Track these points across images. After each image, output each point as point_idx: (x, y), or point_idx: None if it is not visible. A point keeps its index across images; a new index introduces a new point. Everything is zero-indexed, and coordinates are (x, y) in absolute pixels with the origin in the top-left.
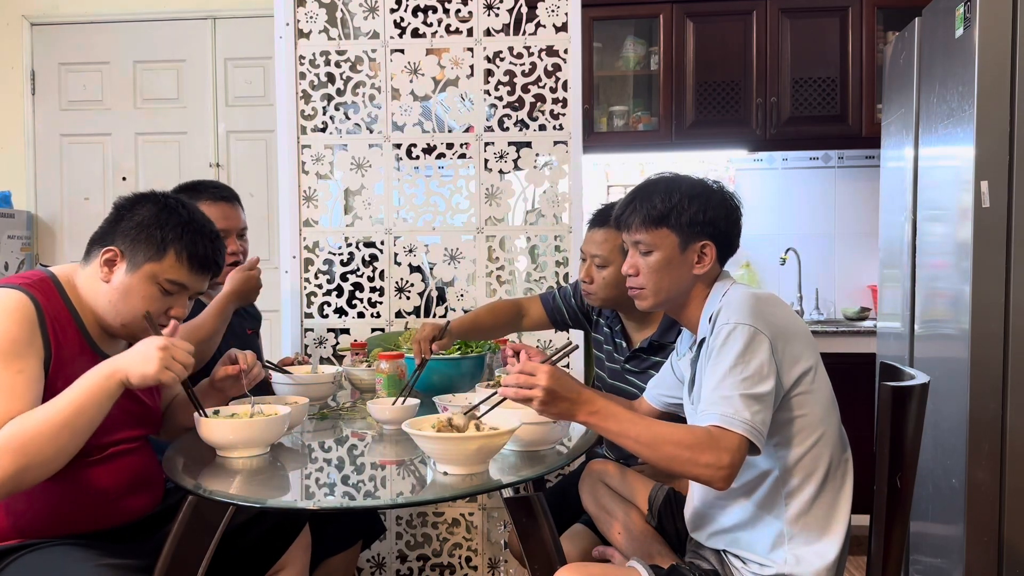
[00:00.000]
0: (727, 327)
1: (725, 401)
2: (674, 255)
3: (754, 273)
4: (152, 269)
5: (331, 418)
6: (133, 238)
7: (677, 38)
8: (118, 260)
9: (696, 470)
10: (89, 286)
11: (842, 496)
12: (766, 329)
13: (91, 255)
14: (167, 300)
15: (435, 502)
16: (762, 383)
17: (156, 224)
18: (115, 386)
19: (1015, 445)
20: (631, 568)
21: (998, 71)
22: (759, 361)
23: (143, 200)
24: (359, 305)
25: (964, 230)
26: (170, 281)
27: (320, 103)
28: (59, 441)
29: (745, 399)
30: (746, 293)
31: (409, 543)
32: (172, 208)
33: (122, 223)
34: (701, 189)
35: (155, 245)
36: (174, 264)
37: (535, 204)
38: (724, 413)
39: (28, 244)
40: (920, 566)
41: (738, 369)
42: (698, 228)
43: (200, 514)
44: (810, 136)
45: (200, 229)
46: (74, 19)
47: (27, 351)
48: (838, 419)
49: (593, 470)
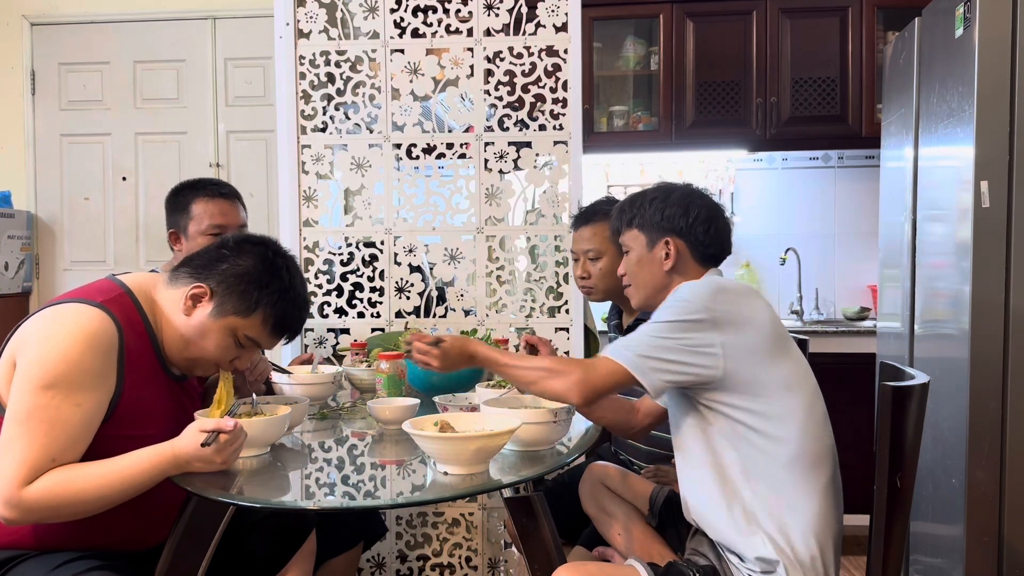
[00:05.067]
0: (676, 300)
1: (625, 345)
2: (644, 253)
3: (754, 273)
4: (235, 323)
5: (331, 418)
6: (229, 286)
7: (677, 38)
8: (205, 299)
9: (555, 381)
10: (172, 310)
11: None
12: (711, 313)
13: (180, 280)
14: (237, 351)
15: (435, 502)
16: (681, 350)
17: (256, 283)
18: (175, 472)
19: (1015, 445)
20: (629, 566)
21: (998, 71)
22: (691, 332)
23: (251, 249)
24: (359, 305)
25: (964, 230)
26: (248, 338)
27: (320, 103)
28: (93, 507)
29: (653, 348)
30: (711, 280)
31: (409, 543)
32: (275, 270)
33: (223, 264)
34: (662, 191)
35: (248, 303)
36: (258, 325)
37: (535, 204)
38: (616, 350)
39: (28, 244)
40: (920, 566)
41: (664, 327)
42: (658, 226)
43: (200, 514)
44: (810, 136)
45: (295, 299)
46: (74, 19)
47: (96, 384)
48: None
49: (593, 473)
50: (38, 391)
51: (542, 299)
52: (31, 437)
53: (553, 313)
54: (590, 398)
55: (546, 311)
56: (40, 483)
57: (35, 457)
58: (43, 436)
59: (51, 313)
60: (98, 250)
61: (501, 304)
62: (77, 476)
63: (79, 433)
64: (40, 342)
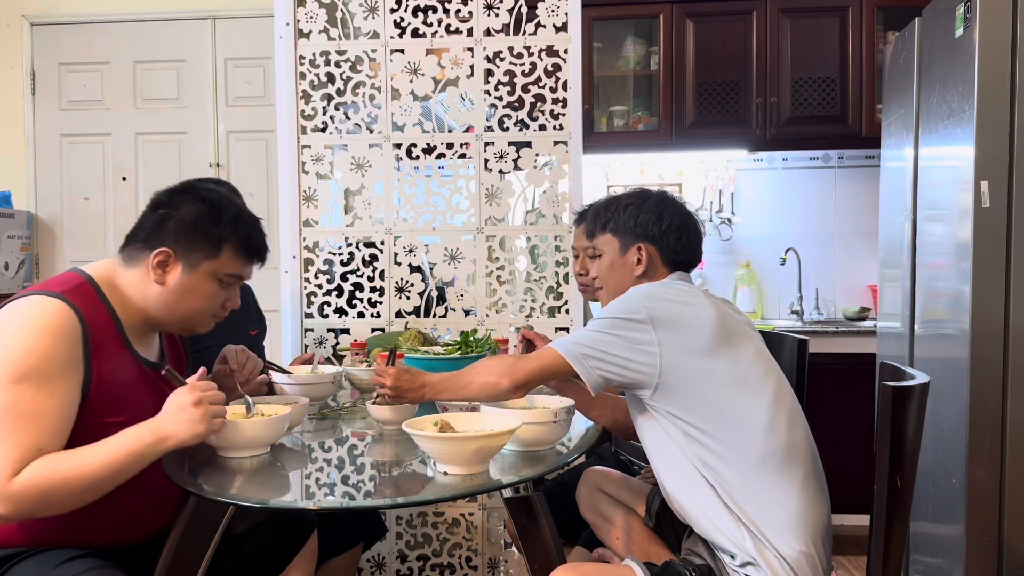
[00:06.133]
0: (616, 302)
1: (572, 336)
2: (616, 257)
3: (754, 273)
4: (210, 267)
5: (331, 418)
6: (187, 238)
7: (677, 38)
8: (171, 262)
9: (484, 376)
10: (138, 288)
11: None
12: (648, 312)
13: (136, 257)
14: (224, 293)
15: (435, 502)
16: (616, 343)
17: (209, 221)
18: (161, 453)
19: (1015, 445)
20: (626, 567)
21: (998, 71)
22: (628, 329)
23: (183, 196)
24: (359, 305)
25: (964, 230)
26: (229, 275)
27: (320, 103)
28: (83, 494)
29: (590, 340)
30: (651, 284)
31: (409, 543)
32: (218, 203)
33: (169, 223)
34: (637, 198)
35: (212, 242)
36: (232, 259)
37: (535, 204)
38: (561, 340)
39: (28, 244)
40: (920, 566)
41: (602, 323)
42: (631, 232)
43: (200, 514)
44: (810, 136)
45: (249, 218)
46: (74, 19)
47: (64, 373)
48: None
49: (589, 478)
50: (10, 386)
51: (542, 299)
52: (11, 431)
53: (553, 313)
54: (519, 382)
55: (546, 311)
56: (26, 473)
57: (20, 449)
58: (24, 428)
59: (12, 307)
60: (98, 250)
61: (501, 304)
62: (61, 463)
63: (59, 422)
64: (4, 337)
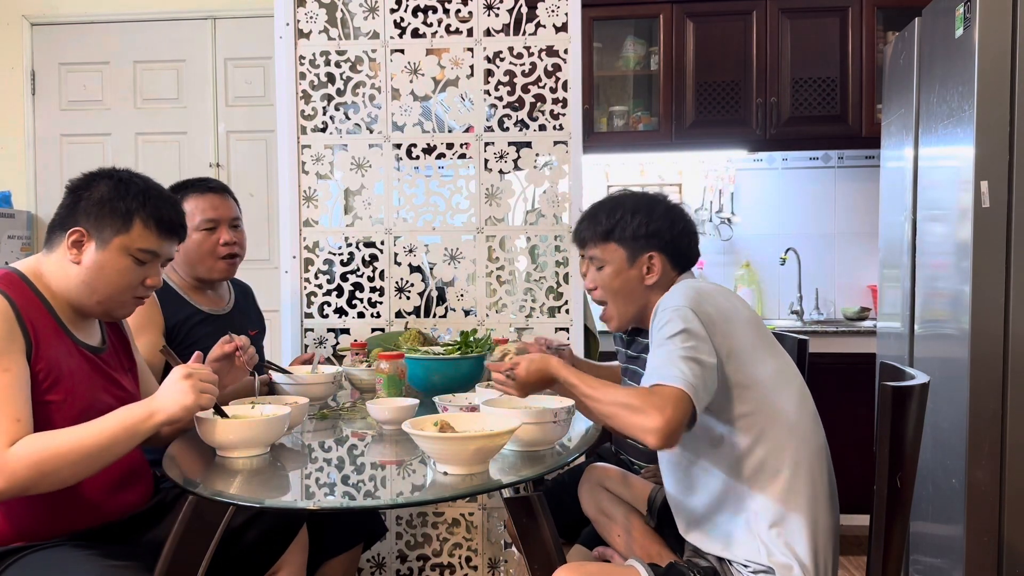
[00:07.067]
0: (665, 312)
1: (664, 365)
2: (623, 267)
3: (754, 273)
4: (122, 242)
5: (331, 418)
6: (96, 215)
7: (677, 38)
8: (85, 240)
9: (634, 420)
10: (58, 271)
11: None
12: (701, 315)
13: (54, 241)
14: (142, 271)
15: (435, 502)
16: (701, 354)
17: (117, 196)
18: (152, 428)
19: (1015, 445)
20: (629, 567)
21: (998, 71)
22: (697, 339)
23: (96, 178)
24: (359, 305)
25: (964, 230)
26: (142, 250)
27: (320, 103)
28: (76, 469)
29: (684, 361)
30: (687, 283)
31: (409, 543)
32: (127, 180)
33: (81, 203)
34: (644, 203)
35: (120, 218)
36: (143, 233)
37: (535, 204)
38: (662, 373)
39: (28, 244)
40: (920, 566)
41: (677, 339)
42: (642, 240)
43: (200, 514)
44: (810, 136)
45: (160, 194)
46: (74, 19)
47: (9, 347)
48: (809, 410)
49: (592, 475)
50: None
51: (542, 299)
52: None
53: (553, 313)
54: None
55: (546, 311)
56: (21, 445)
57: (2, 420)
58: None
59: None
60: None
61: (501, 304)
62: (55, 437)
63: (21, 392)
64: None
